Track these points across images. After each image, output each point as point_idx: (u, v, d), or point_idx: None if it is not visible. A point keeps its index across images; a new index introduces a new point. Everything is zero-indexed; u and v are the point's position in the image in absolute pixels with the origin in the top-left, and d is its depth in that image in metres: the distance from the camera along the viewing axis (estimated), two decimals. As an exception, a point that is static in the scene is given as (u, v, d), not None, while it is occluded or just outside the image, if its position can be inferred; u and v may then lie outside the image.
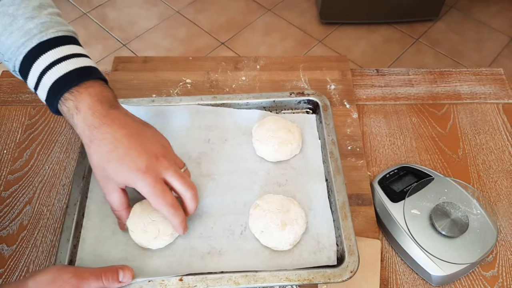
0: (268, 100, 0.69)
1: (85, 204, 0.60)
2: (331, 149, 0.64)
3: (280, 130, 0.65)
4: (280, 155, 0.64)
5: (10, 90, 0.86)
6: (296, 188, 0.62)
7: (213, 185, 0.62)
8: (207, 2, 2.29)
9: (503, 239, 0.68)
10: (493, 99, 0.85)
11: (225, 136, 0.67)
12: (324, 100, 0.68)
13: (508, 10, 2.27)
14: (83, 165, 0.61)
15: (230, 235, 0.58)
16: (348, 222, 0.57)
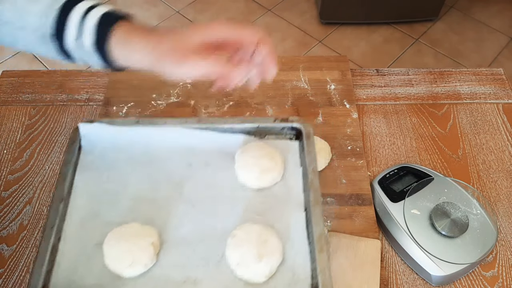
0: (252, 125, 0.67)
1: (62, 227, 0.58)
2: (311, 178, 0.61)
3: (263, 158, 0.64)
4: (262, 182, 0.63)
5: (10, 90, 0.86)
6: (275, 217, 0.60)
7: (193, 211, 0.61)
8: (207, 3, 2.29)
9: (503, 239, 0.68)
10: (493, 99, 0.85)
11: (207, 161, 0.66)
12: (308, 127, 0.67)
13: (508, 10, 2.27)
14: (63, 187, 0.60)
15: (206, 265, 0.56)
16: (324, 255, 0.55)
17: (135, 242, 0.56)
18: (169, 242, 0.58)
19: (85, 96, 0.85)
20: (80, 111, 0.83)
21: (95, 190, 0.63)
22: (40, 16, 0.53)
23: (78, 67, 0.83)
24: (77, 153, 0.66)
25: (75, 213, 0.60)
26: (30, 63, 2.00)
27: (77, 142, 0.66)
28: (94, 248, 0.57)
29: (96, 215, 0.60)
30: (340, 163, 0.75)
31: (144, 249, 0.55)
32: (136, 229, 0.58)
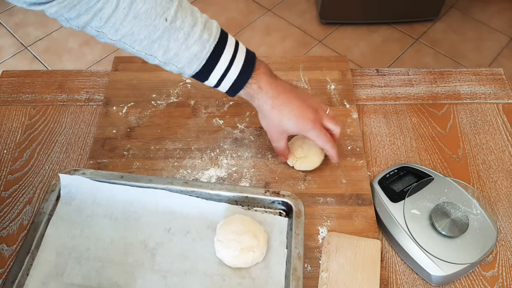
0: (240, 195, 0.64)
1: (24, 282, 0.56)
2: (295, 264, 0.57)
3: (245, 234, 0.59)
4: (240, 262, 0.59)
5: (10, 90, 0.86)
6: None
7: (161, 284, 0.57)
8: (207, 3, 2.29)
9: (503, 239, 0.68)
10: (493, 99, 0.85)
11: (188, 228, 0.62)
12: (299, 205, 0.63)
13: (508, 10, 2.27)
14: (33, 238, 0.58)
15: None
16: None
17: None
18: None
19: (85, 96, 0.85)
20: (80, 111, 0.83)
21: (65, 245, 0.60)
22: (187, 62, 0.60)
23: (78, 67, 0.83)
24: (55, 203, 0.64)
25: (39, 269, 0.57)
26: (30, 63, 2.00)
27: (56, 191, 0.65)
28: None
29: (61, 274, 0.58)
30: (340, 163, 0.75)
31: None
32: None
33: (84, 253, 0.60)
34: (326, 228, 0.68)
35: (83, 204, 0.64)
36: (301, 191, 0.72)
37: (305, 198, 0.71)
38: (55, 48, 2.06)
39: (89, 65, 1.98)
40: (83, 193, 0.64)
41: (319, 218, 0.69)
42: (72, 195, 0.65)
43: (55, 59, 2.02)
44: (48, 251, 0.59)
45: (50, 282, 0.57)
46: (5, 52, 2.04)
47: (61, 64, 2.00)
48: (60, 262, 0.58)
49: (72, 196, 0.65)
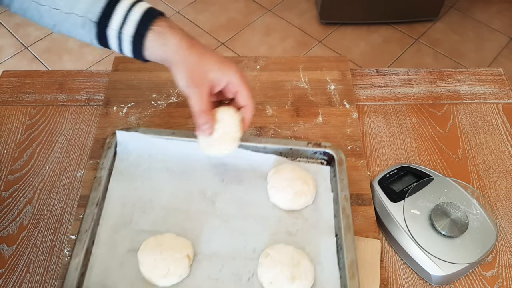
0: (285, 147, 0.69)
1: (96, 231, 0.60)
2: (343, 205, 0.63)
3: (296, 180, 0.65)
4: (294, 204, 0.65)
5: (10, 90, 0.86)
6: (306, 240, 0.62)
7: (225, 227, 0.62)
8: (207, 3, 2.29)
9: (502, 239, 0.68)
10: (493, 99, 0.85)
11: (240, 178, 0.67)
12: (340, 154, 0.69)
13: (508, 10, 2.27)
14: (98, 191, 0.62)
15: (237, 280, 0.57)
16: (355, 282, 0.56)
17: (170, 253, 0.57)
18: (202, 254, 0.59)
19: (85, 96, 0.85)
20: (80, 111, 0.83)
21: (129, 197, 0.64)
22: (89, 5, 0.57)
23: (78, 67, 0.83)
24: (112, 159, 0.68)
25: (108, 219, 0.61)
26: (30, 63, 2.00)
27: (113, 148, 0.68)
28: (127, 255, 0.59)
29: (129, 222, 0.62)
30: (340, 163, 0.75)
31: (180, 261, 0.57)
32: (171, 240, 0.59)
33: (147, 203, 0.64)
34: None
35: (139, 158, 0.68)
36: (301, 191, 0.72)
37: (305, 198, 0.71)
38: (55, 48, 2.06)
39: (89, 65, 1.98)
40: (139, 148, 0.68)
41: (319, 218, 0.69)
42: (128, 151, 0.68)
43: (55, 59, 2.02)
44: (113, 202, 0.63)
45: (119, 230, 0.61)
46: (5, 52, 2.04)
47: (61, 64, 2.00)
48: (126, 212, 0.62)
49: (129, 152, 0.68)
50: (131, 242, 0.60)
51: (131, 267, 0.57)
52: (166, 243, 0.58)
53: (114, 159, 0.68)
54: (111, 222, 0.61)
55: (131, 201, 0.64)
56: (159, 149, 0.68)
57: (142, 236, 0.60)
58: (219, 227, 0.62)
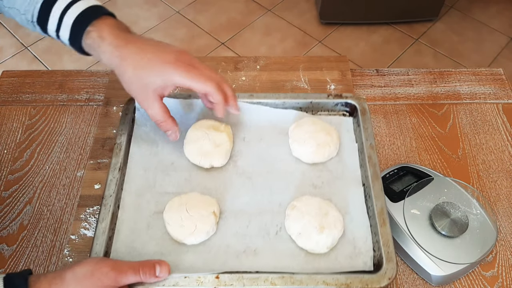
0: (304, 101, 0.68)
1: (120, 196, 0.60)
2: (369, 154, 0.63)
3: (319, 132, 0.64)
4: (317, 157, 0.64)
5: (10, 90, 0.86)
6: (332, 191, 0.61)
7: (249, 184, 0.62)
8: (207, 3, 2.29)
9: (503, 239, 0.68)
10: (493, 99, 0.85)
11: (261, 135, 0.67)
12: (363, 104, 0.68)
13: (508, 10, 2.27)
14: (119, 157, 0.62)
15: (265, 235, 0.58)
16: (387, 229, 0.56)
17: (196, 211, 0.57)
18: (228, 212, 0.59)
19: (85, 96, 0.85)
20: (80, 111, 0.83)
21: (150, 161, 0.64)
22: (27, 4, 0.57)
23: (78, 67, 0.83)
24: (130, 125, 0.67)
25: (131, 183, 0.61)
26: (30, 63, 2.00)
27: (130, 113, 0.68)
28: (153, 217, 0.59)
29: (153, 186, 0.62)
30: (340, 163, 0.75)
31: (206, 218, 0.56)
32: (196, 198, 0.59)
33: (169, 166, 0.64)
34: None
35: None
36: (301, 191, 0.72)
37: (305, 198, 0.71)
38: (55, 48, 2.06)
39: (89, 65, 1.98)
40: None
41: (319, 218, 0.69)
42: (146, 117, 0.67)
43: (55, 59, 2.02)
44: (135, 167, 0.63)
45: (144, 193, 0.61)
46: (5, 52, 2.04)
47: (61, 64, 2.00)
48: (149, 176, 0.63)
49: (147, 117, 0.66)
50: (156, 204, 0.60)
51: (158, 228, 0.58)
52: (191, 202, 0.58)
53: (132, 125, 0.67)
54: (134, 187, 0.61)
55: (153, 165, 0.64)
56: (177, 112, 0.67)
57: (166, 197, 0.60)
58: (243, 184, 0.62)
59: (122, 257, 0.56)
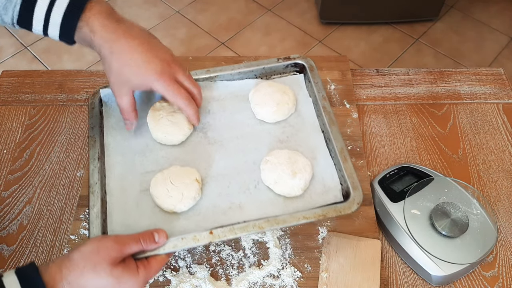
0: (258, 68, 0.74)
1: (105, 182, 0.63)
2: (323, 104, 0.69)
3: (276, 93, 0.70)
4: (279, 115, 0.69)
5: (10, 90, 0.86)
6: (297, 142, 0.67)
7: (222, 150, 0.67)
8: (207, 2, 2.29)
9: (503, 239, 0.68)
10: (493, 99, 0.85)
11: (224, 106, 0.71)
12: (310, 61, 0.74)
13: (508, 10, 2.27)
14: (96, 148, 0.65)
15: (246, 190, 0.63)
16: (349, 163, 0.62)
17: (180, 181, 0.61)
18: (208, 178, 0.64)
19: (85, 96, 0.85)
20: (80, 111, 0.83)
21: (126, 147, 0.67)
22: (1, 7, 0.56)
23: (78, 67, 0.84)
24: (99, 118, 0.69)
25: (113, 169, 0.65)
26: (30, 63, 2.00)
27: (97, 107, 0.70)
28: (140, 195, 0.62)
29: (133, 168, 0.65)
30: (340, 163, 0.75)
31: (190, 185, 0.61)
32: (177, 170, 0.63)
33: (144, 148, 0.67)
34: (326, 228, 0.68)
35: None
36: (301, 191, 0.72)
37: (305, 198, 0.71)
38: (55, 48, 2.06)
39: (89, 65, 1.98)
40: None
41: (319, 218, 0.69)
42: (114, 106, 0.70)
43: (55, 59, 2.02)
44: (113, 155, 0.66)
45: (126, 176, 0.64)
46: (5, 52, 2.04)
47: (61, 64, 2.00)
48: (127, 160, 0.66)
49: (113, 108, 0.70)
50: (140, 183, 0.63)
51: (147, 204, 0.62)
52: (174, 174, 0.62)
53: (101, 117, 0.70)
54: (116, 172, 0.64)
55: (129, 150, 0.67)
56: (142, 100, 0.71)
57: (148, 176, 0.63)
58: (217, 151, 0.67)
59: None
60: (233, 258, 0.66)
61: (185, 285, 0.63)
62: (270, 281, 0.63)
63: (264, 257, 0.66)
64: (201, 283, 0.63)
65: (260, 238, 0.67)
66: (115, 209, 0.61)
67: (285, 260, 0.65)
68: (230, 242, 0.67)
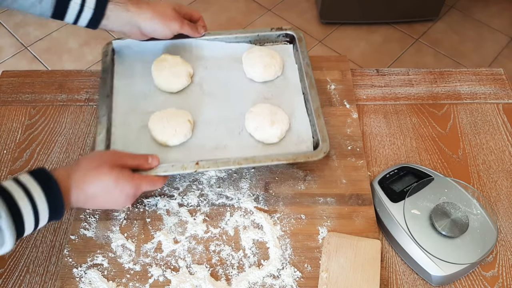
0: (253, 35, 0.84)
1: (111, 116, 0.74)
2: (306, 70, 0.78)
3: (265, 57, 0.79)
4: (266, 75, 0.79)
5: (10, 90, 0.86)
6: (280, 100, 0.77)
7: (214, 100, 0.77)
8: (207, 2, 2.29)
9: (503, 239, 0.68)
10: (493, 99, 0.85)
11: (219, 64, 0.81)
12: (299, 33, 0.84)
13: (508, 10, 2.27)
14: (106, 87, 0.76)
15: (231, 134, 0.73)
16: (321, 121, 0.72)
17: (175, 119, 0.71)
18: (199, 122, 0.74)
19: (85, 96, 0.85)
20: (80, 111, 0.83)
21: (132, 90, 0.78)
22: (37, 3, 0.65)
23: (78, 67, 0.84)
24: (111, 64, 0.80)
25: (119, 107, 0.75)
26: (30, 63, 2.00)
27: (110, 55, 0.80)
28: (140, 129, 0.73)
29: (136, 108, 0.75)
30: (340, 163, 0.75)
31: (183, 124, 0.71)
32: (173, 111, 0.73)
33: (147, 93, 0.78)
34: (326, 228, 0.68)
35: (134, 61, 0.81)
36: (301, 191, 0.72)
37: (305, 198, 0.71)
38: (55, 48, 2.05)
39: (89, 65, 1.98)
40: (133, 53, 0.82)
41: (319, 218, 0.69)
42: (124, 56, 0.82)
43: (55, 59, 2.02)
44: (120, 95, 0.77)
45: (130, 113, 0.75)
46: (5, 52, 2.04)
47: (61, 64, 2.00)
48: (132, 102, 0.76)
49: (124, 56, 0.82)
50: (141, 120, 0.73)
51: (145, 137, 0.72)
52: (170, 114, 0.72)
53: (112, 64, 0.80)
54: (121, 109, 0.75)
55: (134, 93, 0.77)
56: (150, 52, 0.81)
57: (148, 115, 0.73)
58: (209, 101, 0.77)
59: None
60: (233, 258, 0.66)
61: (185, 285, 0.63)
62: (270, 281, 0.63)
63: (264, 257, 0.66)
64: (201, 283, 0.63)
65: (260, 238, 0.67)
66: (118, 138, 0.71)
67: (285, 260, 0.65)
68: (230, 242, 0.67)
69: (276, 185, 0.73)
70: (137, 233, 0.68)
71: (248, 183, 0.73)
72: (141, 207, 0.70)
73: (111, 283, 0.63)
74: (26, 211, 0.51)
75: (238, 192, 0.72)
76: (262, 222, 0.68)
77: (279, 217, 0.69)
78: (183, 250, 0.66)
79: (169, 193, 0.72)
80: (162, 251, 0.66)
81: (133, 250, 0.66)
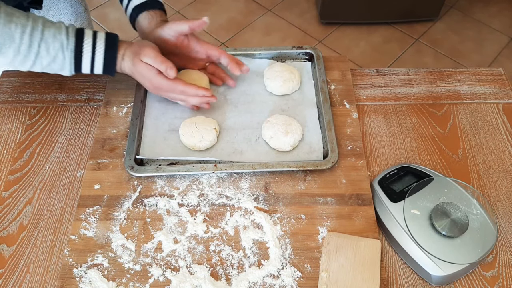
0: (275, 51, 0.90)
1: (143, 119, 0.81)
2: (321, 85, 0.84)
3: (285, 72, 0.84)
4: (284, 89, 0.84)
5: (10, 90, 0.86)
6: (295, 112, 0.83)
7: (235, 109, 0.83)
8: (207, 2, 2.29)
9: (503, 239, 0.68)
10: (493, 99, 0.85)
11: (243, 77, 0.88)
12: (318, 52, 0.90)
13: (508, 10, 2.27)
14: (141, 92, 0.83)
15: (248, 141, 0.79)
16: (332, 133, 0.77)
17: (203, 127, 0.77)
18: (222, 129, 0.81)
19: (85, 96, 0.85)
20: (80, 111, 0.83)
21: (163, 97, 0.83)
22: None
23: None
24: None
25: (151, 111, 0.82)
26: (30, 63, 2.00)
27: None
28: (168, 133, 0.80)
29: (166, 112, 0.82)
30: (340, 163, 0.75)
31: (209, 132, 0.77)
32: (202, 119, 0.79)
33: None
34: (326, 228, 0.68)
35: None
36: (301, 191, 0.72)
37: (305, 198, 0.71)
38: (55, 48, 2.05)
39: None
40: None
41: (319, 218, 0.69)
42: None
43: (55, 59, 2.02)
44: (152, 100, 0.84)
45: (160, 117, 0.82)
46: (5, 52, 2.04)
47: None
48: (162, 106, 0.83)
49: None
50: (169, 124, 0.81)
51: (172, 140, 0.79)
52: (199, 121, 0.78)
53: None
54: (153, 113, 0.82)
55: (165, 99, 0.82)
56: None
57: (177, 121, 0.81)
58: (231, 110, 0.84)
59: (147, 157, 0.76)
60: (233, 258, 0.66)
61: (185, 285, 0.63)
62: (270, 281, 0.63)
63: (264, 257, 0.66)
64: (201, 283, 0.63)
65: (260, 238, 0.67)
66: (147, 140, 0.78)
67: (285, 260, 0.65)
68: (230, 242, 0.67)
69: (276, 185, 0.73)
70: (137, 233, 0.68)
71: (248, 183, 0.73)
72: (141, 207, 0.70)
73: (111, 283, 0.63)
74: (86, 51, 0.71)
75: (238, 192, 0.72)
76: (262, 222, 0.69)
77: (279, 217, 0.69)
78: (183, 250, 0.66)
79: (169, 193, 0.72)
80: (162, 251, 0.66)
81: (133, 250, 0.66)
